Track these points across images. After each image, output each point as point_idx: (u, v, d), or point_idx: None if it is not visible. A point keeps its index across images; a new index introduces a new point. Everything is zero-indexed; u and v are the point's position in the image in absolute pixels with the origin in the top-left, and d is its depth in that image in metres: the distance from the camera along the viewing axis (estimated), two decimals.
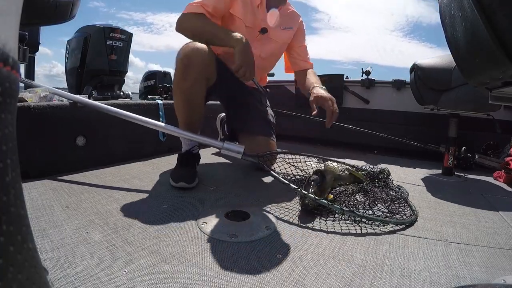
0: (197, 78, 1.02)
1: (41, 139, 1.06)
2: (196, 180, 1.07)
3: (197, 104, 1.08)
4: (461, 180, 1.41)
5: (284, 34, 1.24)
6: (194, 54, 0.99)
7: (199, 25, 1.04)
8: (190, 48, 0.99)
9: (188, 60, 0.98)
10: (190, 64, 0.99)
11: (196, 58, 0.99)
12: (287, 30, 1.24)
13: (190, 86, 1.02)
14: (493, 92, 0.53)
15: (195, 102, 1.07)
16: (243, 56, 0.97)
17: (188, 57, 0.98)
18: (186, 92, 1.04)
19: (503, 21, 0.36)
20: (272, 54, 1.26)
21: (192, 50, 0.99)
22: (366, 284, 0.56)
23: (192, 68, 0.99)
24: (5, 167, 0.15)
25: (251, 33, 1.15)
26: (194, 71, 1.00)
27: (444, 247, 0.72)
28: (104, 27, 2.69)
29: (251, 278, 0.56)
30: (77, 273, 0.53)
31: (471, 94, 1.25)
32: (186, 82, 1.01)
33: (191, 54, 0.99)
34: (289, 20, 1.24)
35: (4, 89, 0.15)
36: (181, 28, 1.06)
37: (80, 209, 0.81)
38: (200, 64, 1.00)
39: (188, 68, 0.99)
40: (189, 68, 0.99)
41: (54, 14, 1.31)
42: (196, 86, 1.03)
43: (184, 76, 1.00)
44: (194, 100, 1.06)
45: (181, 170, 1.05)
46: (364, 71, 2.19)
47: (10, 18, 0.16)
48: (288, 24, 1.24)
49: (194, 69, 1.00)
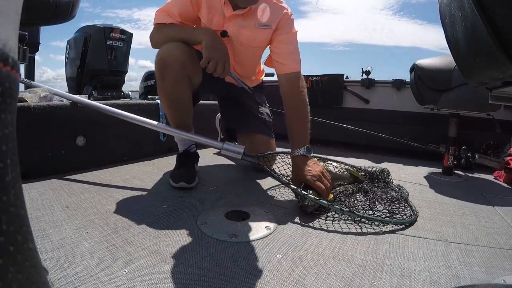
0: (176, 78, 0.99)
1: (41, 139, 1.06)
2: (196, 179, 1.06)
3: (183, 104, 1.05)
4: (461, 180, 1.41)
5: (260, 33, 1.04)
6: (168, 55, 0.96)
7: (165, 35, 1.00)
8: (164, 50, 0.97)
9: (164, 62, 0.96)
10: (166, 66, 0.96)
11: (170, 58, 0.96)
12: (263, 28, 1.03)
13: (171, 87, 1.00)
14: (493, 92, 0.53)
15: (180, 102, 1.04)
16: (210, 48, 0.91)
17: (163, 59, 0.96)
18: (168, 94, 1.02)
19: (503, 21, 0.36)
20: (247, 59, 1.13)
21: (166, 51, 0.96)
22: (366, 284, 0.56)
23: (169, 69, 0.97)
24: (5, 167, 0.15)
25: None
26: (171, 72, 0.97)
27: (444, 247, 0.72)
28: (104, 27, 2.69)
29: (251, 278, 0.56)
30: (77, 273, 0.53)
31: (471, 94, 1.25)
32: (166, 83, 0.99)
33: (166, 56, 0.96)
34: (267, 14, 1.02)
35: (4, 89, 0.15)
36: (154, 44, 1.03)
37: (80, 209, 0.81)
38: (176, 64, 0.96)
39: (165, 69, 0.97)
40: (166, 70, 0.97)
41: (54, 14, 1.31)
42: (177, 87, 1.00)
43: (163, 78, 0.98)
44: (179, 100, 1.04)
45: (180, 171, 1.05)
46: (364, 71, 2.19)
47: (10, 18, 0.15)
48: (265, 21, 1.03)
49: (171, 70, 0.97)
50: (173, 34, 0.99)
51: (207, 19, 1.03)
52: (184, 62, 0.97)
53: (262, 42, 1.08)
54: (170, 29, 1.00)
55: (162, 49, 0.97)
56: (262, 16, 1.02)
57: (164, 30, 1.01)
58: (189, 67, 0.99)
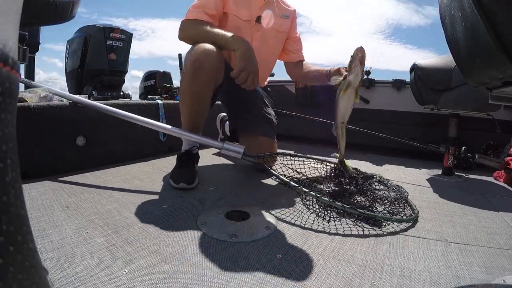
0: (207, 82, 1.01)
1: (41, 139, 1.06)
2: (196, 180, 1.06)
3: (203, 107, 1.08)
4: (461, 180, 1.41)
5: (284, 22, 1.21)
6: (205, 57, 0.97)
7: (201, 33, 1.02)
8: (201, 51, 0.97)
9: (200, 64, 0.96)
10: (201, 68, 0.97)
11: (207, 62, 0.97)
12: (285, 18, 1.21)
13: (200, 89, 1.01)
14: (493, 92, 0.53)
15: (202, 105, 1.06)
16: (245, 60, 0.94)
17: (200, 61, 0.96)
18: (195, 95, 1.03)
19: (503, 21, 0.36)
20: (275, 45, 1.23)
21: (203, 53, 0.97)
22: (366, 284, 0.56)
23: (203, 72, 0.98)
24: (5, 167, 0.15)
25: (247, 26, 1.12)
26: (205, 75, 0.98)
27: (444, 247, 0.72)
28: (104, 27, 2.69)
29: (251, 278, 0.56)
30: (77, 273, 0.53)
31: (471, 94, 1.25)
32: (196, 85, 1.00)
33: (203, 58, 0.96)
34: (285, 8, 1.22)
35: (4, 89, 0.15)
36: (184, 37, 1.06)
37: (80, 209, 0.81)
38: (212, 68, 0.98)
39: (199, 71, 0.97)
40: (200, 72, 0.97)
41: (54, 14, 1.31)
42: (205, 90, 1.02)
43: (195, 80, 0.99)
44: (202, 103, 1.06)
45: (181, 171, 1.05)
46: (364, 71, 2.19)
47: (10, 18, 0.16)
48: (285, 12, 1.22)
49: (205, 73, 0.98)
50: (210, 35, 1.01)
51: (236, 11, 1.11)
52: (219, 68, 1.01)
53: (286, 29, 1.24)
54: (207, 28, 1.02)
55: (199, 50, 0.97)
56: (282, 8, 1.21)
57: (201, 27, 1.03)
58: (220, 73, 1.04)
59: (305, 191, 0.85)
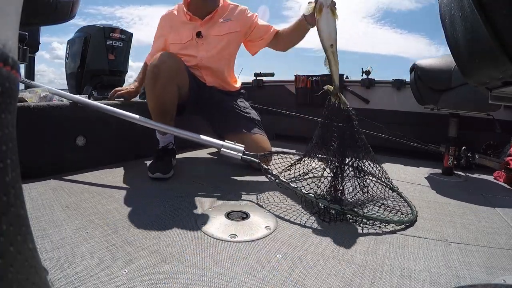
0: (167, 84, 1.13)
1: (41, 139, 1.06)
2: (172, 172, 1.16)
3: (168, 109, 1.17)
4: (461, 180, 1.41)
5: (225, 25, 1.34)
6: (162, 62, 1.11)
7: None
8: (158, 58, 1.11)
9: (158, 69, 1.10)
10: (159, 72, 1.10)
11: (163, 65, 1.11)
12: (226, 22, 1.34)
13: (161, 91, 1.12)
14: (493, 92, 0.53)
15: (166, 107, 1.17)
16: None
17: (157, 66, 1.10)
18: (157, 98, 1.14)
19: (503, 21, 0.36)
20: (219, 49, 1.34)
21: (160, 60, 1.11)
22: (366, 284, 0.56)
23: (161, 75, 1.10)
24: (5, 167, 0.15)
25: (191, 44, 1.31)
26: (163, 78, 1.11)
27: (444, 247, 0.72)
28: (104, 27, 2.70)
29: (251, 278, 0.56)
30: (77, 273, 0.53)
31: (471, 94, 1.24)
32: (156, 88, 1.12)
33: (160, 63, 1.11)
34: (227, 13, 1.35)
35: (4, 89, 0.15)
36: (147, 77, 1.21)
37: (80, 209, 0.81)
38: (168, 71, 1.12)
39: (157, 75, 1.10)
40: (159, 75, 1.10)
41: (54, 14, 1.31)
42: (166, 91, 1.14)
43: (154, 83, 1.11)
44: (166, 105, 1.16)
45: (157, 163, 1.15)
46: (364, 71, 2.19)
47: (10, 18, 0.16)
48: (226, 17, 1.35)
49: (163, 76, 1.11)
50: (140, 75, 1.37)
51: (178, 39, 1.32)
52: (176, 70, 1.16)
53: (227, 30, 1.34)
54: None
55: (156, 57, 1.12)
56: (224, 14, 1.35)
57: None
58: (179, 76, 1.18)
59: (304, 193, 0.84)
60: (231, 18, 1.35)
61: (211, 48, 1.32)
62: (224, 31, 1.33)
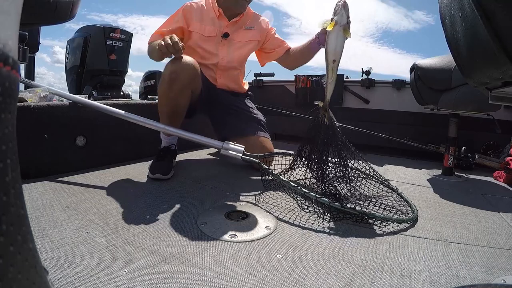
0: (183, 90, 1.14)
1: (41, 139, 1.06)
2: (172, 172, 1.16)
3: (179, 112, 1.19)
4: (461, 180, 1.41)
5: (248, 33, 1.37)
6: (181, 69, 1.10)
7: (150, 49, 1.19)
8: (179, 63, 1.10)
9: (176, 75, 1.10)
10: (177, 78, 1.10)
11: (183, 73, 1.11)
12: (250, 29, 1.37)
13: (176, 95, 1.13)
14: (493, 92, 0.53)
15: (178, 110, 1.18)
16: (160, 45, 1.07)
17: (176, 73, 1.10)
18: (171, 100, 1.15)
19: (503, 21, 0.36)
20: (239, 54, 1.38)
21: (180, 66, 1.10)
22: (366, 284, 0.56)
23: (179, 82, 1.11)
24: (5, 167, 0.15)
25: (213, 41, 1.31)
26: (180, 84, 1.11)
27: (444, 247, 0.72)
28: (104, 27, 2.69)
29: (251, 278, 0.56)
30: (77, 273, 0.53)
31: (471, 94, 1.24)
32: (172, 93, 1.12)
33: (179, 70, 1.10)
34: (251, 21, 1.38)
35: (4, 89, 0.15)
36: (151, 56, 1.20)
37: (80, 209, 0.81)
38: (187, 79, 1.12)
39: (174, 81, 1.10)
40: (176, 82, 1.10)
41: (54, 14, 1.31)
42: (181, 97, 1.15)
43: (170, 87, 1.11)
44: (178, 108, 1.17)
45: (158, 164, 1.15)
46: (364, 71, 2.19)
47: (10, 18, 0.16)
48: (250, 24, 1.37)
49: (181, 83, 1.11)
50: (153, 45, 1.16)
51: (200, 29, 1.30)
52: (193, 76, 1.15)
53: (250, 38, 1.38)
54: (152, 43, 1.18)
55: (177, 62, 1.10)
56: (247, 21, 1.37)
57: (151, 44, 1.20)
58: (194, 82, 1.18)
59: (304, 191, 0.85)
60: (254, 27, 1.38)
61: (232, 52, 1.34)
62: (247, 38, 1.36)
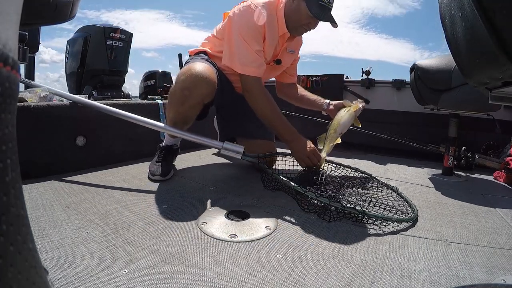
0: (194, 106, 1.05)
1: (41, 139, 1.06)
2: (172, 172, 1.16)
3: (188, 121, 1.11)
4: (461, 180, 1.41)
5: (290, 57, 1.31)
6: (194, 87, 1.00)
7: (267, 112, 1.10)
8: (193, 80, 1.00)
9: (189, 92, 1.01)
10: (190, 96, 1.01)
11: (196, 90, 1.01)
12: (291, 53, 1.31)
13: (186, 111, 1.05)
14: (493, 92, 0.53)
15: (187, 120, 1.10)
16: (297, 151, 1.08)
17: (189, 90, 1.01)
18: (181, 113, 1.07)
19: (503, 21, 0.36)
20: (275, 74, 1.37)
21: (193, 83, 1.00)
22: (366, 284, 0.56)
23: (191, 99, 1.02)
24: (5, 167, 0.15)
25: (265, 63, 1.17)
26: (193, 101, 1.03)
27: (444, 247, 0.72)
28: (104, 27, 2.70)
29: (251, 278, 0.56)
30: (77, 273, 0.53)
31: (471, 94, 1.24)
32: (182, 108, 1.04)
33: (192, 87, 1.00)
34: (293, 42, 1.26)
35: (4, 89, 0.15)
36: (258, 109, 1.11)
37: (80, 209, 0.81)
38: (200, 96, 1.03)
39: (187, 98, 1.02)
40: (188, 99, 1.02)
41: (54, 14, 1.31)
42: (192, 110, 1.07)
43: (182, 103, 1.03)
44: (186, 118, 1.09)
45: (157, 164, 1.14)
46: (364, 71, 2.19)
47: (10, 18, 0.15)
48: (292, 47, 1.29)
49: (193, 100, 1.03)
50: (279, 119, 1.11)
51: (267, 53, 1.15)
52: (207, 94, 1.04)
53: (289, 62, 1.33)
54: (272, 111, 1.11)
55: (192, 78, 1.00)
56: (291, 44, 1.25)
57: (271, 107, 1.11)
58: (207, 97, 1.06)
59: (304, 191, 0.85)
60: (295, 51, 1.32)
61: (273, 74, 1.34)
62: (288, 63, 1.33)
